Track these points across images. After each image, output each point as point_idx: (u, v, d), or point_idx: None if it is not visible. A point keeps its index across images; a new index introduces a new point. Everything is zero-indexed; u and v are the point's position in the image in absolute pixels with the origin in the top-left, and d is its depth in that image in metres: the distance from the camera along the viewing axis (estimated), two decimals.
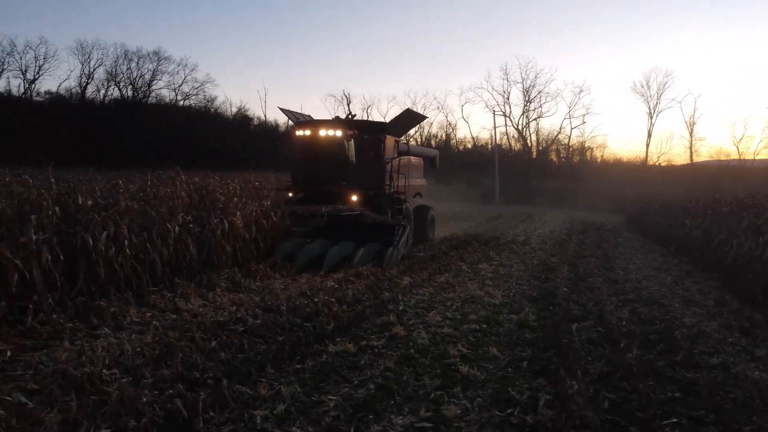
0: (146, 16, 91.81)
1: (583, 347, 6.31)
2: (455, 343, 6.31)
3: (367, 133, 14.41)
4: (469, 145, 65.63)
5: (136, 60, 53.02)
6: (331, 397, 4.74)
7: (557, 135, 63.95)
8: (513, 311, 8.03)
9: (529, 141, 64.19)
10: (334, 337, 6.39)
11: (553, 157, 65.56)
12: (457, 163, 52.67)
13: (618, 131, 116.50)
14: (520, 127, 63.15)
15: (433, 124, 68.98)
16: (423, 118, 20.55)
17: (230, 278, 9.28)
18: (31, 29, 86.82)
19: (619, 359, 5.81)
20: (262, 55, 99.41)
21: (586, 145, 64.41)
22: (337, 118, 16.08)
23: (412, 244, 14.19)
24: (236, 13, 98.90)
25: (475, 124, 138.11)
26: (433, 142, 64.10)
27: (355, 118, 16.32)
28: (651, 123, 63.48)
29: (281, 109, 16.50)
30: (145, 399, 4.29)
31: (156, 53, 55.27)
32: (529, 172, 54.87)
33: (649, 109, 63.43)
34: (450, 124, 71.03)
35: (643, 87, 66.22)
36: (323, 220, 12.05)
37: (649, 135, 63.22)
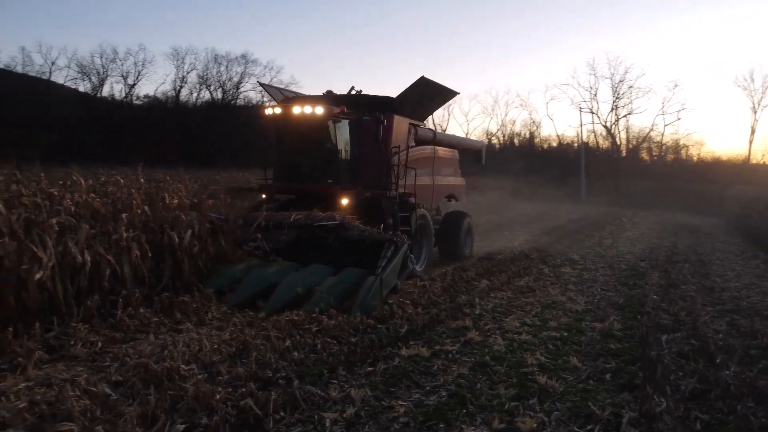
0: (235, 21, 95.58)
1: (673, 361, 5.86)
2: (533, 351, 6.05)
3: (366, 113, 10.82)
4: (554, 144, 63.66)
5: (226, 63, 55.24)
6: (401, 403, 4.65)
7: (649, 132, 60.75)
8: (597, 319, 7.63)
9: (618, 139, 61.38)
10: (407, 340, 6.30)
11: (645, 155, 62.39)
12: (541, 161, 51.26)
13: (716, 128, 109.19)
14: (608, 124, 60.53)
15: (517, 122, 67.61)
16: (450, 92, 12.74)
17: None
18: (131, 37, 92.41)
19: (715, 376, 5.35)
20: (344, 55, 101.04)
21: (681, 142, 60.79)
22: (329, 92, 11.83)
23: (441, 261, 12.04)
24: (320, 14, 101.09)
25: (561, 121, 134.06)
26: (516, 141, 62.82)
27: (361, 93, 11.93)
28: (755, 119, 58.99)
29: (261, 84, 13.33)
30: (218, 396, 4.37)
31: (244, 56, 57.38)
32: (617, 172, 52.47)
33: (753, 104, 58.92)
34: (534, 121, 69.32)
35: (746, 80, 61.74)
36: (290, 233, 8.90)
37: (753, 131, 58.76)
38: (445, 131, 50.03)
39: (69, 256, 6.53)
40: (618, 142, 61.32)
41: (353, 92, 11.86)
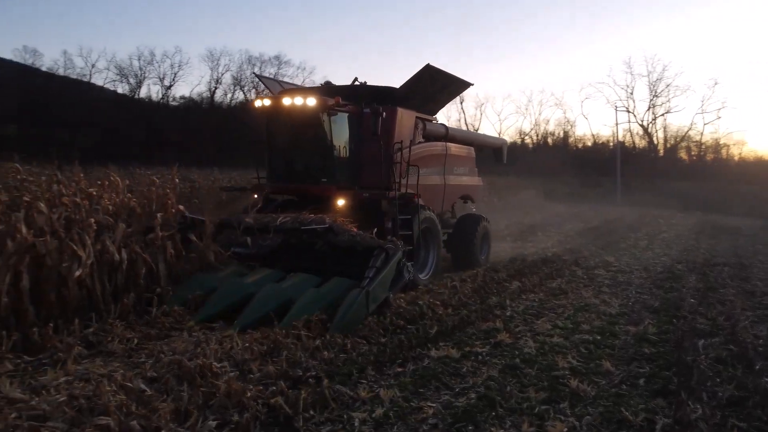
0: (268, 22, 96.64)
1: (710, 367, 5.72)
2: (565, 355, 5.97)
3: (366, 105, 9.74)
4: (589, 143, 62.65)
5: (259, 65, 55.88)
6: (430, 404, 4.65)
7: (687, 131, 59.33)
8: (631, 322, 7.48)
9: (655, 138, 60.11)
10: (437, 341, 6.29)
11: (683, 155, 60.92)
12: (575, 161, 50.49)
13: (759, 126, 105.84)
14: (645, 123, 59.30)
15: (551, 122, 66.69)
16: (462, 83, 11.67)
17: None
18: (168, 40, 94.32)
19: (754, 383, 5.19)
20: (376, 55, 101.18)
21: (722, 141, 59.18)
22: (327, 83, 11.38)
23: (452, 268, 11.21)
24: (353, 14, 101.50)
25: (596, 121, 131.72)
26: (549, 140, 62.02)
27: (363, 84, 11.04)
28: None
29: (257, 75, 11.91)
30: (249, 394, 4.44)
31: (277, 58, 57.96)
32: (654, 171, 51.33)
33: None
34: (568, 121, 68.33)
35: None
36: (276, 237, 8.12)
37: None
38: (477, 130, 49.69)
39: (107, 254, 6.72)
40: (655, 142, 60.08)
41: (357, 84, 10.92)
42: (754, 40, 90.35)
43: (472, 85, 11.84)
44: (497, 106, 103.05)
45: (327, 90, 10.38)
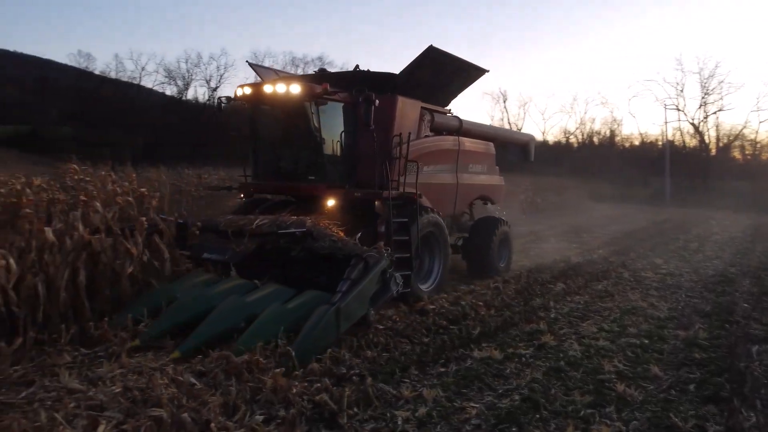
0: (310, 24, 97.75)
1: (764, 373, 5.52)
2: (611, 358, 5.87)
3: (360, 93, 8.24)
4: (636, 142, 61.05)
5: (302, 66, 56.63)
6: (473, 405, 4.65)
7: (741, 130, 57.15)
8: (680, 326, 7.28)
9: (706, 137, 58.05)
10: (480, 342, 6.28)
11: (737, 154, 58.71)
12: (622, 161, 49.30)
13: None
14: (695, 121, 57.43)
15: (596, 120, 65.32)
16: (475, 69, 10.39)
17: None
18: (214, 42, 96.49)
19: None
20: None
21: None
22: (321, 70, 10.45)
23: (472, 277, 10.19)
24: (393, 15, 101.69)
25: (644, 119, 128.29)
26: (595, 140, 60.72)
27: (361, 70, 9.66)
28: None
29: (250, 64, 10.77)
30: (295, 390, 4.54)
31: (320, 59, 58.55)
32: (706, 171, 49.69)
33: None
34: (615, 119, 66.79)
35: None
36: (251, 242, 7.25)
37: None
38: (520, 130, 49.02)
39: (156, 252, 6.91)
40: (707, 141, 58.03)
41: (354, 70, 9.74)
42: None
43: (488, 72, 10.54)
44: (541, 104, 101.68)
45: (321, 78, 9.16)
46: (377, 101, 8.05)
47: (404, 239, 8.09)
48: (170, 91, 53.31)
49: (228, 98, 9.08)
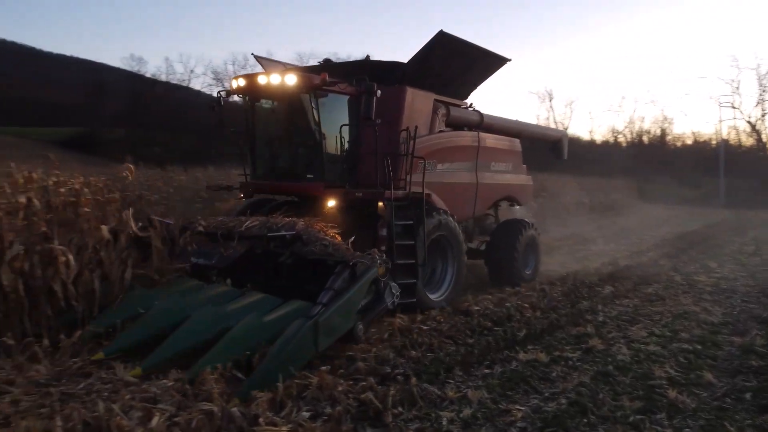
0: (356, 25, 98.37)
1: None
2: (662, 364, 5.71)
3: (361, 83, 7.52)
4: (688, 141, 59.10)
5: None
6: (519, 408, 4.60)
7: None
8: (736, 333, 7.03)
9: (764, 135, 55.79)
10: (525, 344, 6.21)
11: None
12: (673, 160, 47.81)
13: None
14: (752, 119, 55.20)
15: (646, 119, 63.47)
16: (495, 58, 9.68)
17: None
18: (261, 45, 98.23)
19: None
20: None
21: None
22: (327, 60, 9.67)
23: (494, 285, 9.49)
24: (436, 14, 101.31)
25: (696, 118, 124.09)
26: (645, 139, 59.06)
27: (369, 60, 8.97)
28: None
29: (255, 57, 9.76)
30: (340, 388, 4.59)
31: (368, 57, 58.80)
32: (763, 171, 47.71)
33: None
34: (666, 118, 64.77)
35: None
36: (237, 246, 6.68)
37: None
38: (566, 129, 48.04)
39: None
40: (764, 140, 55.75)
41: (360, 60, 9.11)
42: None
43: (509, 60, 9.72)
44: (588, 103, 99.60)
45: (326, 69, 8.28)
46: (379, 92, 7.30)
47: (408, 244, 7.44)
48: (217, 93, 54.52)
49: (228, 92, 8.58)
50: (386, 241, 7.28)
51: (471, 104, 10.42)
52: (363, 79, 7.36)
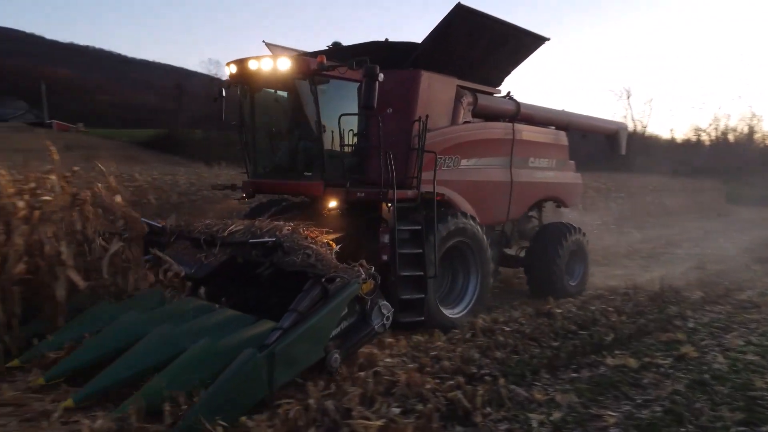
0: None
1: None
2: (762, 374, 5.42)
3: (361, 65, 6.32)
4: None
5: None
6: (610, 413, 4.50)
7: None
8: None
9: None
10: (612, 349, 6.06)
11: None
12: (762, 159, 45.00)
13: None
14: None
15: (732, 116, 60.02)
16: (531, 37, 8.42)
17: None
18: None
19: None
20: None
21: None
22: (335, 44, 8.33)
23: (534, 296, 8.56)
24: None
25: None
26: (731, 137, 55.93)
27: (380, 42, 7.72)
28: None
29: (266, 43, 8.68)
30: (428, 386, 4.64)
31: None
32: None
33: None
34: (755, 115, 61.08)
35: None
36: (218, 254, 5.95)
37: None
38: (645, 128, 46.09)
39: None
40: None
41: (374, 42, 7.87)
42: None
43: (548, 40, 8.52)
44: (669, 100, 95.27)
45: (335, 53, 7.44)
46: (381, 76, 6.20)
47: (415, 252, 6.46)
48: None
49: (229, 82, 7.62)
50: (389, 249, 6.33)
51: (508, 93, 9.27)
52: (363, 61, 6.22)
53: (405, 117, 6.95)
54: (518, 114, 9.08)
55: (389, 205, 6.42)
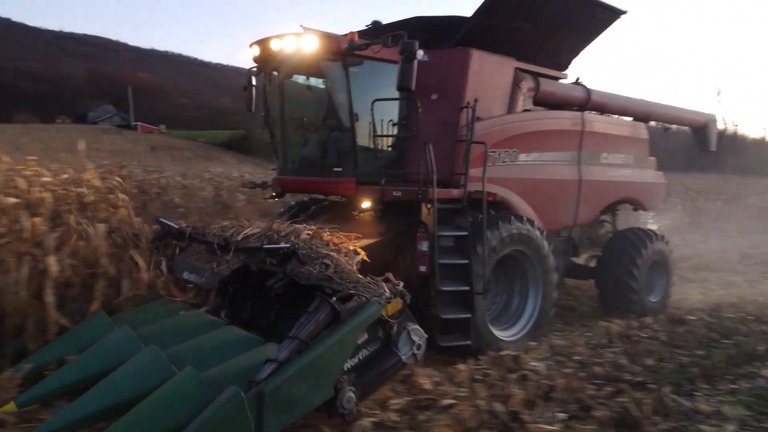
0: None
1: None
2: None
3: (397, 41, 5.40)
4: None
5: None
6: None
7: None
8: None
9: None
10: (765, 359, 5.72)
11: None
12: None
13: None
14: None
15: None
16: (605, 9, 7.15)
17: None
18: None
19: None
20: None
21: None
22: (375, 23, 7.15)
23: (607, 312, 7.56)
24: None
25: None
26: None
27: (421, 17, 7.06)
28: None
29: (303, 28, 6.61)
30: (589, 392, 4.54)
31: None
32: None
33: None
34: None
35: None
36: (231, 261, 5.13)
37: None
38: (736, 127, 43.56)
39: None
40: None
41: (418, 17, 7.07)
42: None
43: (624, 13, 7.30)
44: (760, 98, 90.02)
45: (375, 33, 6.41)
46: (421, 53, 5.30)
47: (460, 263, 5.56)
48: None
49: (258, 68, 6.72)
50: (427, 259, 5.50)
51: (577, 79, 8.23)
52: (399, 36, 5.33)
53: (452, 103, 6.08)
54: (588, 102, 7.96)
55: (429, 206, 5.53)
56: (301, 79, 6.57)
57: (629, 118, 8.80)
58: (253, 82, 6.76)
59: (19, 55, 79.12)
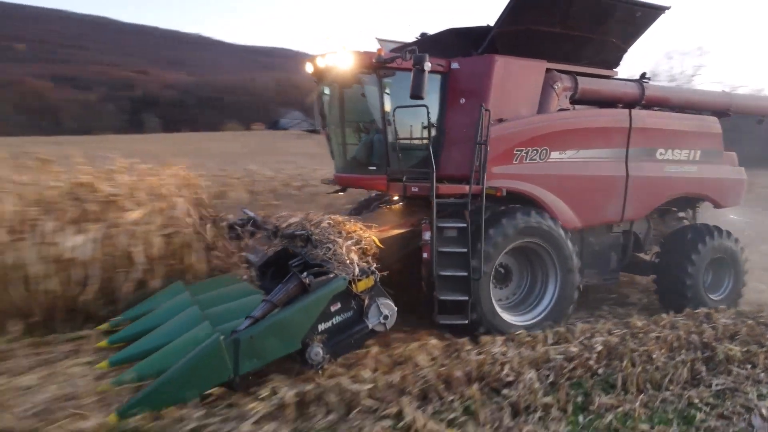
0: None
1: None
2: None
3: (412, 56, 6.22)
4: None
5: (679, 57, 54.41)
6: None
7: None
8: None
9: None
10: None
11: None
12: None
13: None
14: None
15: None
16: (647, 7, 7.46)
17: None
18: None
19: None
20: None
21: None
22: (423, 35, 8.10)
23: (666, 310, 7.71)
24: None
25: None
26: None
27: (454, 29, 7.70)
28: None
29: (378, 40, 8.60)
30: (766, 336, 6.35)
31: (699, 48, 54.31)
32: None
33: None
34: None
35: None
36: (277, 244, 6.68)
37: None
38: None
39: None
40: None
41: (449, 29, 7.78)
42: None
43: (667, 9, 7.48)
44: None
45: (422, 45, 7.51)
46: (428, 65, 6.01)
47: (458, 251, 6.32)
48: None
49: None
50: (429, 246, 6.32)
51: (643, 74, 8.47)
52: (412, 51, 6.28)
53: (478, 107, 6.55)
54: (643, 98, 8.14)
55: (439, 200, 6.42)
56: (350, 89, 7.31)
57: (700, 113, 8.86)
58: (320, 92, 7.83)
59: (218, 70, 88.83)
